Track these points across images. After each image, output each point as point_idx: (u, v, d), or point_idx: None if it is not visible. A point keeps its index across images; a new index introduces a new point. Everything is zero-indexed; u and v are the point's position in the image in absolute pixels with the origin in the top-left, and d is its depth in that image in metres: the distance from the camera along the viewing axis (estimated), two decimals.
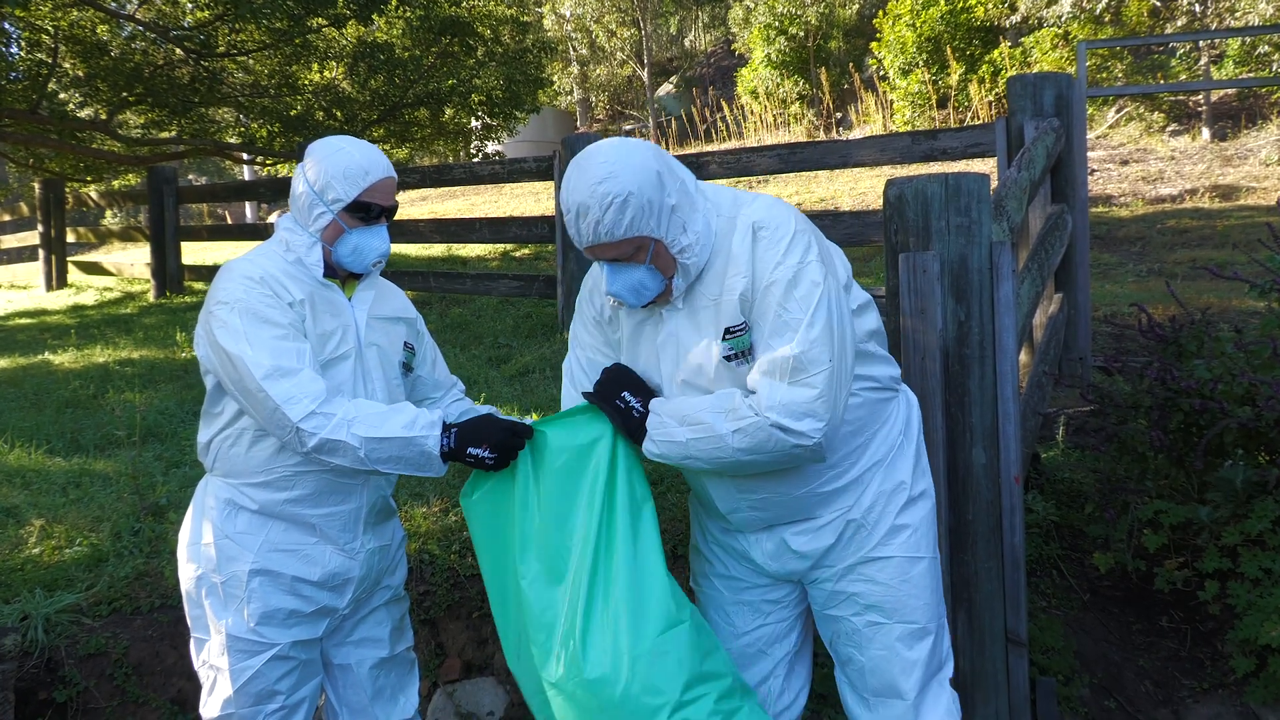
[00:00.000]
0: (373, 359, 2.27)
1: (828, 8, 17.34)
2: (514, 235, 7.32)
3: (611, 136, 2.90)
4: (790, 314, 1.94)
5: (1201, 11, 12.65)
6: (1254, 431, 3.16)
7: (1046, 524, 3.61)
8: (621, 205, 1.94)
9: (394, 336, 2.36)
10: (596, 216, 1.95)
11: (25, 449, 4.76)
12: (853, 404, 2.10)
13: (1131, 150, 12.04)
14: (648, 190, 1.96)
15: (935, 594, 2.23)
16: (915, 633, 2.19)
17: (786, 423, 1.92)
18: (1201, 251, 7.98)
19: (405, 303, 2.48)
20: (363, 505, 2.28)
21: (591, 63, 23.83)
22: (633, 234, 1.97)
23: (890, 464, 2.21)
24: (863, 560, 2.19)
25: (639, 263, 2.01)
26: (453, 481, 3.96)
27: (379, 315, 2.34)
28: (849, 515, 2.19)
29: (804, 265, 1.96)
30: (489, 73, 11.22)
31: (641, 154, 1.99)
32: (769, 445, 1.95)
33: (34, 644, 3.10)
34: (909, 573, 2.18)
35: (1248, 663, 2.93)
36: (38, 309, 10.01)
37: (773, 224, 2.00)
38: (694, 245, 2.02)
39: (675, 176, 2.04)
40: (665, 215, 1.99)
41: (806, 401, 1.92)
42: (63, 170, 11.32)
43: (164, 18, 10.42)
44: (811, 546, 2.21)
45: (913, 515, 2.21)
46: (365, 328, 2.29)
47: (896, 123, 13.94)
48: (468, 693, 3.28)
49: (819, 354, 1.92)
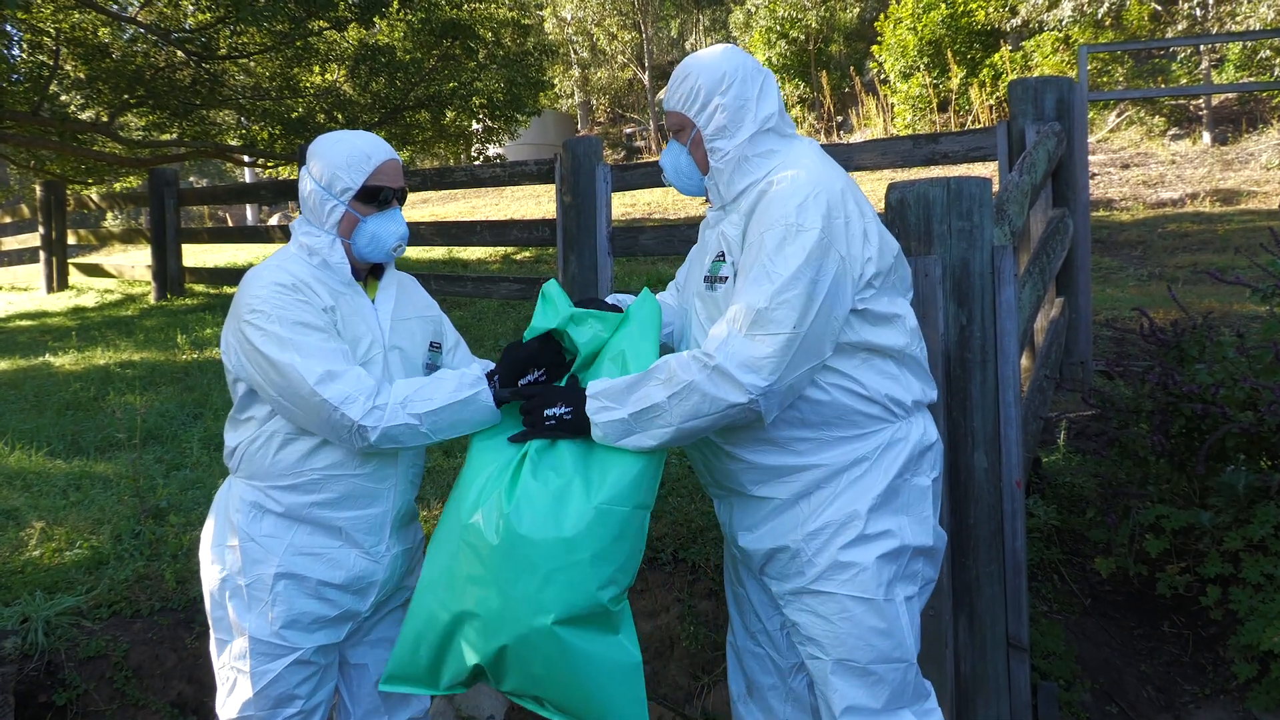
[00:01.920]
0: (395, 362, 2.27)
1: (829, 11, 17.36)
2: (515, 238, 7.32)
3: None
4: (772, 267, 1.92)
5: (1202, 16, 12.66)
6: (1256, 436, 3.15)
7: (1048, 528, 3.60)
8: (682, 80, 2.16)
9: (418, 338, 2.35)
10: (671, 84, 2.19)
11: (26, 451, 4.75)
12: (815, 393, 2.03)
13: (1132, 154, 12.05)
14: (705, 77, 2.13)
15: (889, 638, 2.04)
16: (852, 670, 2.05)
17: (729, 368, 1.89)
18: (1203, 255, 7.98)
19: (427, 300, 2.47)
20: (389, 509, 2.28)
21: (592, 66, 23.84)
22: (679, 109, 2.16)
23: (845, 491, 2.05)
24: (804, 590, 2.08)
25: (681, 143, 2.20)
26: (452, 484, 3.95)
27: (403, 316, 2.33)
28: (788, 537, 2.08)
29: (804, 230, 1.93)
30: (490, 75, 11.24)
31: (725, 55, 2.16)
32: (705, 406, 1.91)
33: (34, 647, 3.09)
34: (851, 611, 2.03)
35: (1249, 668, 2.93)
36: (38, 311, 10.01)
37: (795, 181, 2.00)
38: (726, 152, 2.12)
39: (743, 92, 2.13)
40: (710, 109, 2.12)
41: (756, 356, 1.89)
42: (64, 172, 11.33)
43: (165, 20, 10.43)
44: (753, 545, 2.15)
45: (862, 554, 2.03)
46: (390, 331, 2.28)
47: (897, 126, 13.95)
48: (468, 697, 3.28)
49: (784, 316, 1.89)
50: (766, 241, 1.94)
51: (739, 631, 2.39)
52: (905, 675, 2.09)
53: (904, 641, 2.07)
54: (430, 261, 10.60)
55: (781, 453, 2.08)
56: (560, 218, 6.14)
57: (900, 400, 2.08)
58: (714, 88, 2.12)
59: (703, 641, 3.21)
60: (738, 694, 2.41)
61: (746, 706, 2.39)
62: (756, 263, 1.94)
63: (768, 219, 1.97)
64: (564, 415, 2.06)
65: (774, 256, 1.92)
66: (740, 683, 2.41)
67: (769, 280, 1.91)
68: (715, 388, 1.90)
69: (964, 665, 2.56)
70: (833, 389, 2.03)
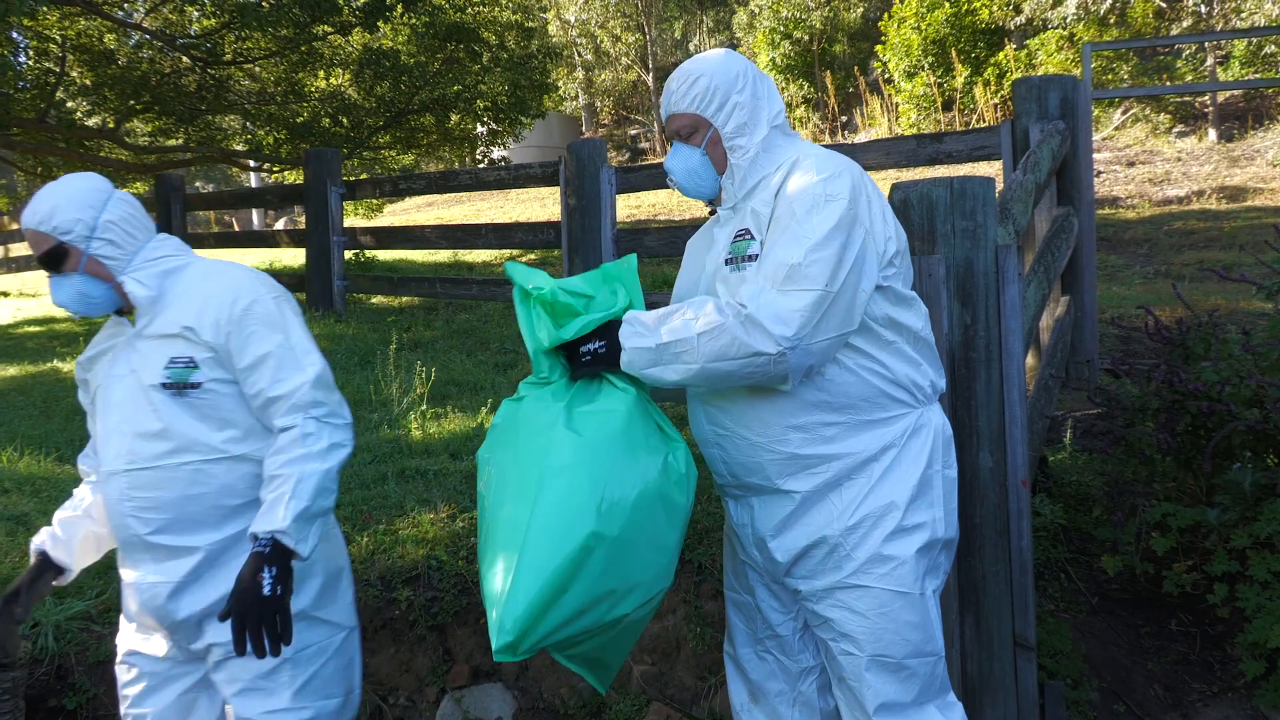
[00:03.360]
0: (116, 391, 2.20)
1: (832, 11, 17.35)
2: (520, 240, 7.33)
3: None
4: (802, 230, 1.95)
5: (1207, 12, 12.63)
6: (1262, 434, 3.15)
7: (1054, 527, 3.60)
8: (693, 81, 2.14)
9: (156, 356, 2.17)
10: (672, 88, 2.17)
11: (34, 457, 4.77)
12: (840, 374, 2.05)
13: (1138, 152, 12.02)
14: (719, 78, 2.13)
15: (922, 631, 2.09)
16: (887, 665, 2.07)
17: (759, 317, 1.91)
18: (1208, 253, 7.97)
19: (197, 309, 2.18)
20: None
21: (596, 68, 23.87)
22: (693, 110, 2.14)
23: (880, 482, 2.07)
24: (839, 586, 2.08)
25: (695, 145, 2.16)
26: (459, 487, 3.97)
27: (147, 334, 2.20)
28: (825, 530, 2.08)
29: (833, 199, 1.97)
30: (494, 78, 11.26)
31: (733, 57, 2.18)
32: (733, 350, 1.92)
33: (44, 651, 3.11)
34: (889, 607, 2.05)
35: (1257, 666, 2.92)
36: (46, 317, 10.05)
37: (820, 159, 2.06)
38: (747, 149, 2.13)
39: (757, 91, 2.16)
40: (729, 108, 2.13)
41: (787, 309, 1.90)
42: None
43: (171, 26, 10.48)
44: (782, 545, 2.13)
45: (901, 547, 2.06)
46: (124, 353, 2.22)
47: (902, 126, 13.94)
48: (476, 699, 3.28)
49: (816, 273, 1.91)
50: (796, 209, 1.98)
51: (742, 640, 2.37)
52: (935, 669, 2.13)
53: (934, 635, 2.12)
54: (435, 264, 10.62)
55: (810, 440, 2.08)
56: (565, 220, 6.15)
57: (921, 385, 2.13)
58: (730, 86, 2.13)
59: (709, 642, 3.22)
60: (740, 703, 2.40)
61: (750, 715, 2.38)
62: (787, 229, 1.97)
63: (796, 190, 2.01)
64: (598, 349, 2.10)
65: (804, 220, 1.96)
66: (743, 692, 2.40)
67: (802, 240, 1.94)
68: (746, 333, 1.91)
69: (970, 665, 2.56)
70: (860, 369, 2.06)
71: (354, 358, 6.56)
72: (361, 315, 8.08)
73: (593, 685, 2.23)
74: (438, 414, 5.07)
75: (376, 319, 7.86)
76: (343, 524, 3.65)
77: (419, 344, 6.93)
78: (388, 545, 3.50)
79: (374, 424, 5.01)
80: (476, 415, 4.97)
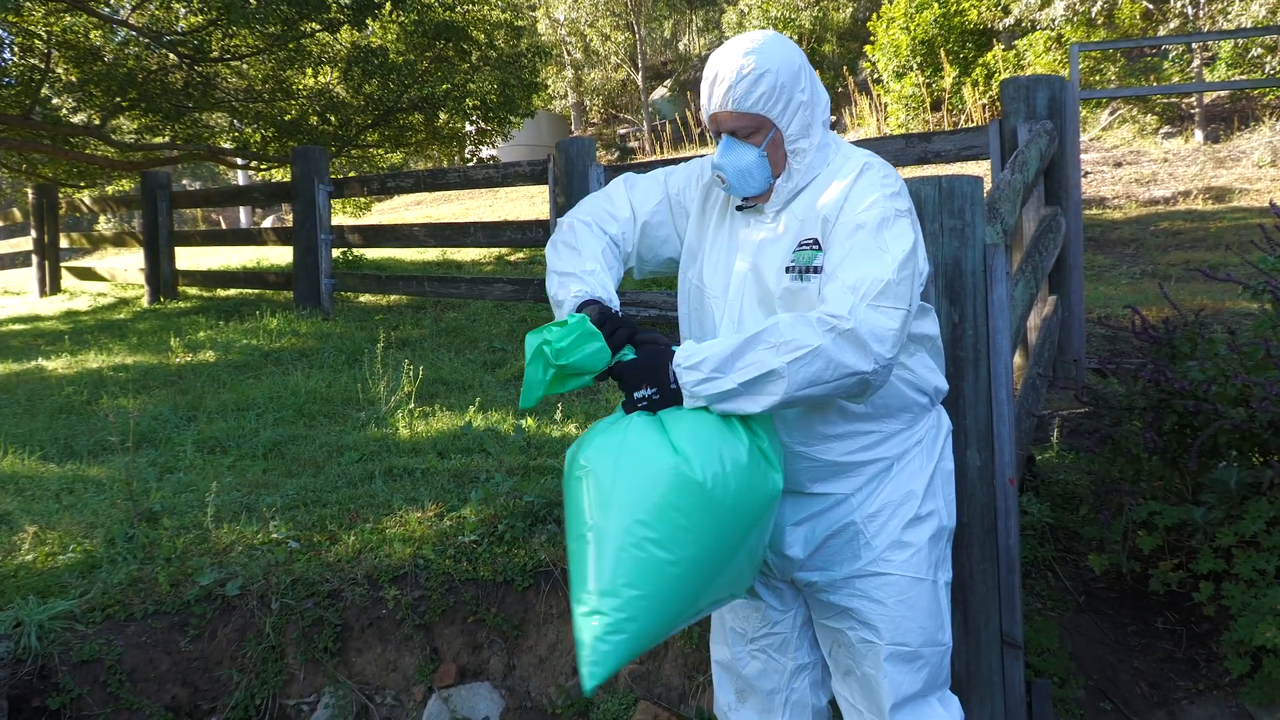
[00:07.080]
0: None
1: (821, 11, 17.38)
2: (509, 239, 7.32)
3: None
4: (883, 245, 1.88)
5: (1194, 14, 12.69)
6: (1247, 432, 3.16)
7: (1041, 526, 3.61)
8: (757, 78, 1.98)
9: None
10: (731, 81, 1.99)
11: (18, 455, 4.74)
12: (887, 387, 2.04)
13: (1125, 152, 12.07)
14: (785, 76, 2.00)
15: (935, 619, 2.14)
16: (905, 655, 2.12)
17: (862, 333, 1.81)
18: (1195, 253, 8.00)
19: None
20: None
21: (586, 67, 23.82)
22: (757, 110, 2.00)
23: (900, 473, 2.13)
24: (859, 574, 2.11)
25: (754, 144, 2.04)
26: (447, 486, 3.95)
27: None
28: (850, 516, 2.10)
29: (900, 216, 1.94)
30: (483, 77, 11.24)
31: (789, 46, 2.05)
32: (827, 373, 1.81)
33: (27, 651, 3.08)
34: (908, 594, 2.10)
35: (1243, 664, 2.94)
36: (31, 315, 9.99)
37: (885, 171, 2.03)
38: (809, 150, 2.05)
39: (815, 87, 2.08)
40: (793, 108, 2.02)
41: (884, 328, 1.83)
42: (56, 176, 11.31)
43: (157, 23, 10.42)
44: (801, 538, 2.13)
45: (917, 534, 2.12)
46: None
47: (890, 125, 13.97)
48: (463, 698, 3.27)
49: (904, 291, 1.87)
50: (867, 222, 1.92)
51: (734, 641, 2.36)
52: (943, 659, 2.18)
53: (946, 625, 2.17)
54: (424, 263, 10.59)
55: (850, 448, 2.09)
56: (554, 218, 6.14)
57: (940, 389, 2.19)
58: (793, 84, 2.02)
59: (697, 641, 3.21)
60: (727, 703, 2.40)
61: (737, 714, 2.38)
62: (864, 244, 1.90)
63: (867, 203, 1.95)
64: (652, 396, 1.96)
65: (878, 234, 1.90)
66: (730, 692, 2.40)
67: (885, 255, 1.88)
68: (841, 353, 1.81)
69: (958, 663, 2.56)
70: (897, 379, 2.07)
71: (341, 356, 6.54)
72: (349, 314, 8.05)
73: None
74: (425, 413, 5.06)
75: (364, 317, 7.83)
76: (329, 523, 3.64)
77: (407, 342, 6.90)
78: (375, 544, 3.48)
79: (361, 423, 4.99)
80: (464, 414, 4.95)
